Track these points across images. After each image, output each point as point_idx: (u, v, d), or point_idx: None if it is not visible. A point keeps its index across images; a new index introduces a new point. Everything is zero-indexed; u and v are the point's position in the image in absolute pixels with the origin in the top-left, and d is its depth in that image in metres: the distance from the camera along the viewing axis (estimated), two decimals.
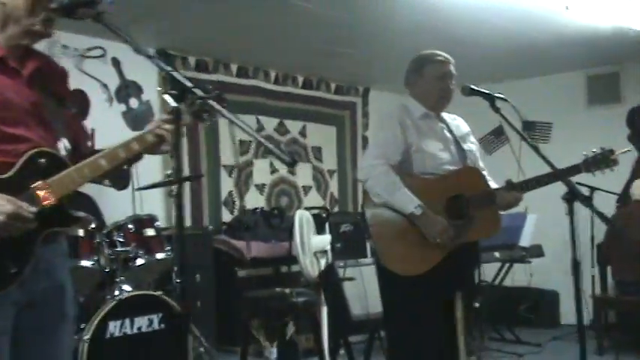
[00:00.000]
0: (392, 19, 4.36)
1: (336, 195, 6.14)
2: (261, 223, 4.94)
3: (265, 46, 5.00)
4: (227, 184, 5.28)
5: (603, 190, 4.95)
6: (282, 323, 3.69)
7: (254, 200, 5.41)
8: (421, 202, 2.53)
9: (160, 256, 3.46)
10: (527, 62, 5.59)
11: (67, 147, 1.87)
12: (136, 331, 3.13)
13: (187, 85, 1.48)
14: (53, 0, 1.66)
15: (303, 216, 4.57)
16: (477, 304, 4.89)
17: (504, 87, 5.93)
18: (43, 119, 1.75)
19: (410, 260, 2.60)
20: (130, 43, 1.49)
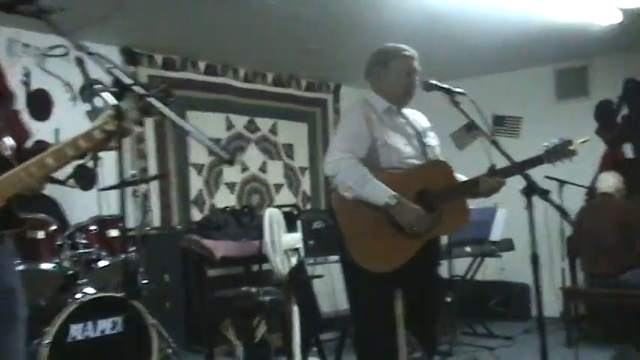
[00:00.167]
0: (361, 16, 4.35)
1: (308, 192, 6.12)
2: (232, 222, 4.90)
3: (234, 44, 4.95)
4: (197, 183, 5.23)
5: (572, 183, 5.01)
6: (250, 322, 3.66)
7: (225, 199, 5.37)
8: (395, 192, 2.51)
9: (124, 256, 3.40)
10: (497, 57, 5.61)
11: (12, 145, 1.82)
12: (100, 334, 3.08)
13: (127, 82, 1.44)
14: None
15: (273, 214, 4.54)
16: (448, 298, 4.96)
17: (474, 82, 6.00)
18: None
19: (382, 257, 2.56)
20: (71, 40, 1.44)
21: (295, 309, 4.13)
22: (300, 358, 3.94)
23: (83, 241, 3.31)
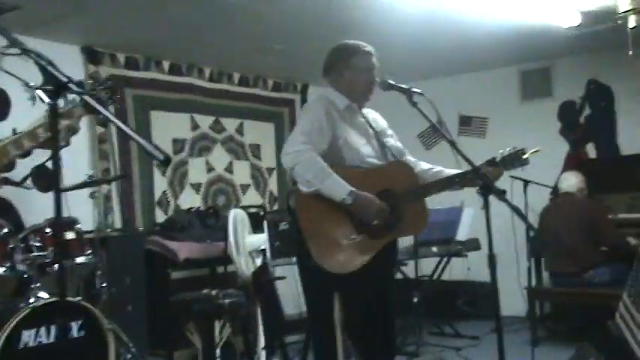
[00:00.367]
0: (326, 15, 4.32)
1: (275, 193, 6.07)
2: (196, 223, 4.84)
3: (198, 43, 4.88)
4: (161, 184, 5.15)
5: (537, 182, 5.06)
6: (211, 325, 3.60)
7: (190, 200, 5.30)
8: (354, 189, 2.47)
9: (81, 260, 3.32)
10: (463, 58, 5.64)
11: None
12: (54, 340, 2.98)
13: (62, 80, 1.39)
14: None
15: (238, 215, 4.50)
16: (415, 299, 4.96)
17: (440, 83, 6.03)
18: None
19: (343, 258, 2.52)
20: (5, 35, 1.39)
21: (258, 311, 4.09)
22: None
23: (37, 243, 3.22)
